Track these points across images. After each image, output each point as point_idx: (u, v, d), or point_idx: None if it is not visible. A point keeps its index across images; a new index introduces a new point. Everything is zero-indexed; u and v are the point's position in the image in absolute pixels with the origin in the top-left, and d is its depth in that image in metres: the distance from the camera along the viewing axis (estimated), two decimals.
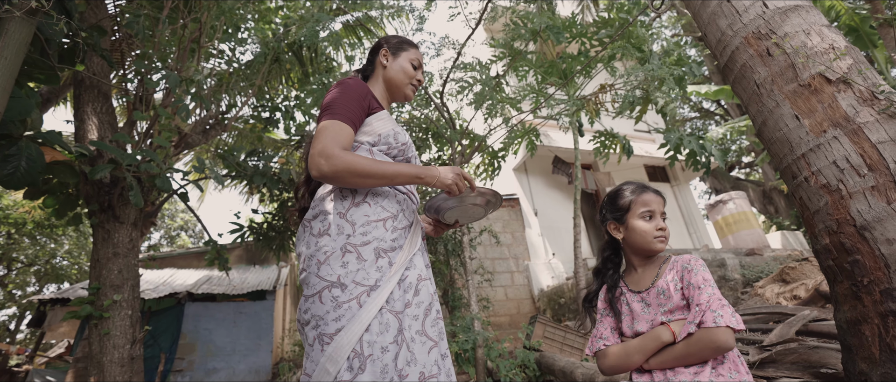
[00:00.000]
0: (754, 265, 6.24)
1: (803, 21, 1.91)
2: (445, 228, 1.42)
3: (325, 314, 1.07)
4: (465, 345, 3.71)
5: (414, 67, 1.41)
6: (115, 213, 3.51)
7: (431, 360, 1.06)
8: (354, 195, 1.21)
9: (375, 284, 1.09)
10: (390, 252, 1.15)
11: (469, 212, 1.33)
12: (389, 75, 1.39)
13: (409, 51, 1.42)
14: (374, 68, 1.43)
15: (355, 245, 1.13)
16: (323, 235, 1.16)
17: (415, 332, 1.08)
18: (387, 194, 1.24)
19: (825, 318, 3.09)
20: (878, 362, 1.47)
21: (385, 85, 1.41)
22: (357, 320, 1.04)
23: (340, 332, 1.04)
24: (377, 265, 1.11)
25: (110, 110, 3.66)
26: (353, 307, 1.06)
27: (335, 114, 1.17)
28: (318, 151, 1.10)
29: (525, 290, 8.14)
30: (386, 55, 1.41)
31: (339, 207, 1.19)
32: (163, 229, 18.77)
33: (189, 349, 6.88)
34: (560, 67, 4.96)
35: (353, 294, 1.07)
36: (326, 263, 1.11)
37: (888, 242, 1.48)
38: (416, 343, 1.06)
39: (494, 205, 1.29)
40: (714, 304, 1.08)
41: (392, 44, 1.42)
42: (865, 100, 1.67)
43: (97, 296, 3.41)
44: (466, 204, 1.28)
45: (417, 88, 1.45)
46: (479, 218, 1.37)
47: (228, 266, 4.54)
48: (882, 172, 1.54)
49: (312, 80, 4.84)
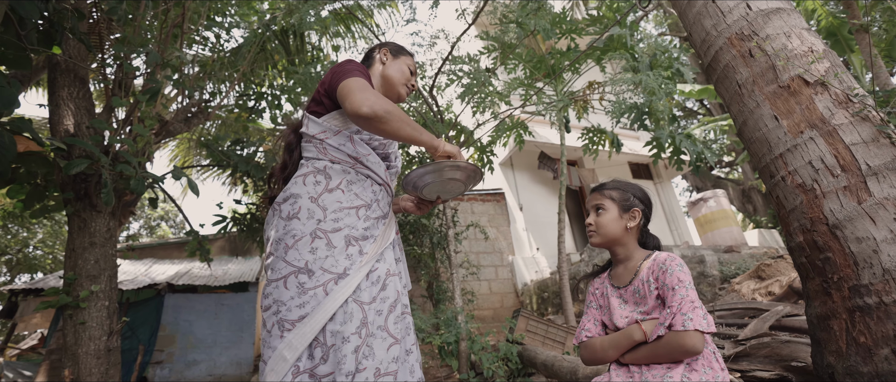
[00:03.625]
0: (732, 261, 6.40)
1: (784, 23, 1.95)
2: (429, 205, 1.42)
3: (288, 300, 1.06)
4: (448, 338, 3.73)
5: (410, 71, 1.47)
6: (92, 202, 3.42)
7: (390, 357, 1.05)
8: (329, 181, 1.20)
9: (344, 272, 1.08)
10: (362, 241, 1.14)
11: (448, 186, 1.31)
12: (387, 73, 1.43)
13: (407, 57, 1.48)
14: (370, 64, 1.46)
15: (325, 231, 1.12)
16: (292, 218, 1.15)
17: (376, 327, 1.06)
18: (362, 182, 1.24)
19: (797, 313, 3.19)
20: (844, 355, 1.53)
21: (381, 80, 1.44)
22: (322, 308, 1.03)
23: (304, 319, 1.03)
24: (347, 253, 1.11)
25: (87, 96, 3.55)
26: (319, 295, 1.05)
27: (352, 73, 1.20)
28: (362, 98, 1.11)
29: (509, 284, 8.22)
30: (386, 54, 1.46)
31: (312, 191, 1.18)
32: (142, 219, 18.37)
33: (169, 341, 6.78)
34: (549, 63, 4.99)
35: (321, 282, 1.06)
36: (295, 247, 1.10)
37: (857, 240, 1.53)
38: (377, 339, 1.05)
39: (474, 179, 1.28)
40: (685, 307, 1.09)
41: (391, 47, 1.48)
42: (841, 102, 1.72)
43: (73, 286, 3.33)
44: (445, 178, 1.26)
45: (410, 92, 1.49)
46: (460, 193, 1.36)
47: (210, 257, 4.47)
48: (854, 172, 1.60)
49: (299, 69, 4.77)
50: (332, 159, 1.24)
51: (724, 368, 1.13)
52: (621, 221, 1.32)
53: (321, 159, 1.25)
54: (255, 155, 4.07)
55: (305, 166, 1.25)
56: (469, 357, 3.89)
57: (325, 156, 1.24)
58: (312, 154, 1.27)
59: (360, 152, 1.26)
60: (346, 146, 1.24)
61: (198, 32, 4.61)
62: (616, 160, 9.99)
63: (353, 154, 1.24)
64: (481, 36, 5.04)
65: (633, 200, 1.34)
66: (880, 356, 1.42)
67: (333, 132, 1.25)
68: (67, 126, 3.29)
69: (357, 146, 1.26)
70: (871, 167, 1.58)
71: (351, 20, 5.75)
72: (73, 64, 3.42)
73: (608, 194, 1.35)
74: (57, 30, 2.75)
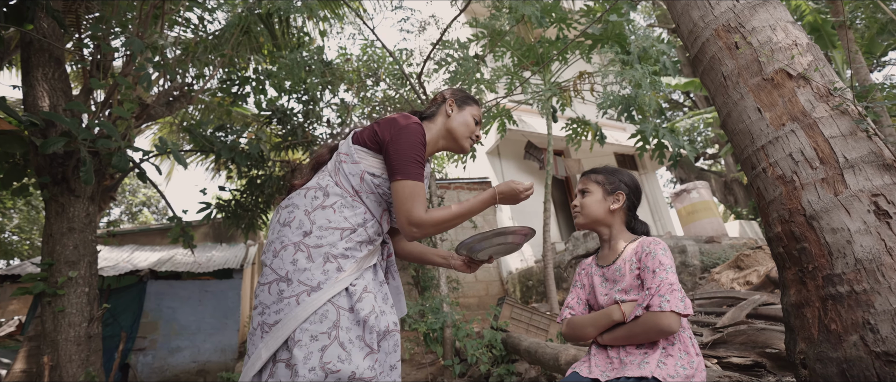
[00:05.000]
0: (713, 252, 6.55)
1: (770, 16, 1.97)
2: (479, 264, 1.47)
3: (270, 304, 1.14)
4: (433, 325, 3.76)
5: (475, 121, 1.47)
6: (70, 186, 3.33)
7: (366, 365, 1.09)
8: (325, 198, 1.26)
9: (317, 286, 1.14)
10: (340, 259, 1.19)
11: (501, 248, 1.37)
12: (452, 126, 1.44)
13: (473, 106, 1.48)
14: (435, 114, 1.48)
15: (308, 246, 1.18)
16: (285, 226, 1.22)
17: (354, 336, 1.11)
18: (354, 208, 1.27)
19: (773, 302, 3.29)
20: (816, 341, 1.58)
21: (445, 133, 1.45)
22: (292, 316, 1.10)
23: (277, 324, 1.11)
24: (324, 269, 1.16)
25: (63, 77, 3.44)
26: (292, 304, 1.12)
27: (410, 173, 1.22)
28: (408, 220, 1.19)
29: (494, 272, 8.29)
30: (451, 105, 1.46)
31: (308, 205, 1.24)
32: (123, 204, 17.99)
33: (151, 327, 6.71)
34: (537, 51, 4.97)
35: (295, 292, 1.13)
36: (279, 256, 1.18)
37: (833, 231, 1.57)
38: (354, 346, 1.10)
39: (527, 239, 1.34)
40: (663, 289, 1.12)
41: (458, 97, 1.48)
42: (822, 96, 1.76)
43: (50, 272, 3.25)
44: (499, 243, 1.33)
45: (474, 143, 1.50)
46: (513, 252, 1.41)
47: (193, 244, 4.41)
48: (832, 165, 1.63)
49: (284, 53, 4.68)
50: (338, 182, 1.29)
51: (698, 353, 1.16)
52: (605, 203, 1.35)
53: (330, 177, 1.31)
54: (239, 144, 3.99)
55: (314, 180, 1.32)
56: (454, 344, 3.93)
57: (335, 176, 1.31)
58: (327, 171, 1.33)
59: (363, 189, 1.30)
60: (353, 178, 1.29)
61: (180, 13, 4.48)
62: (602, 151, 10.07)
63: (356, 188, 1.29)
64: (471, 23, 5.00)
65: (618, 183, 1.37)
66: (849, 342, 1.47)
67: (353, 161, 1.30)
68: (43, 108, 3.19)
69: (363, 184, 1.29)
70: (849, 160, 1.61)
71: (337, 4, 5.64)
72: (48, 43, 3.30)
73: (594, 178, 1.39)
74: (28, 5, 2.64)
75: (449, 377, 3.67)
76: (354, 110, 5.81)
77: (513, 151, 9.41)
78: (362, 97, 5.91)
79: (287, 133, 5.16)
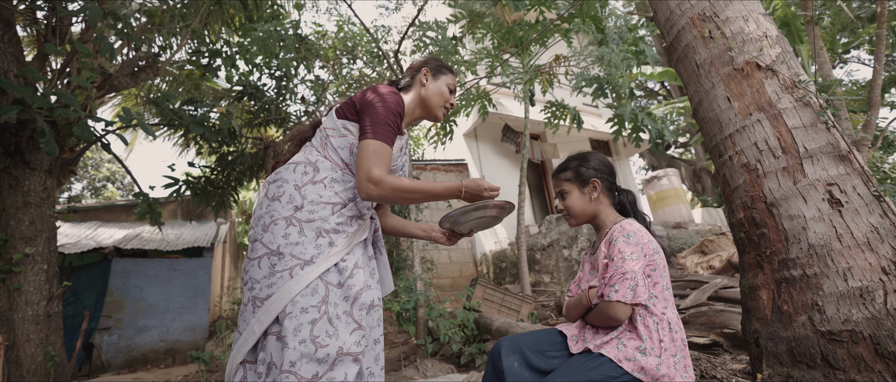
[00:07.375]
0: (679, 237, 6.79)
1: (744, 7, 2.01)
2: (459, 237, 1.51)
3: (260, 279, 1.15)
4: (406, 305, 3.78)
5: (450, 90, 1.47)
6: (25, 158, 3.16)
7: (353, 340, 1.11)
8: (316, 173, 1.26)
9: (310, 260, 1.15)
10: (332, 234, 1.20)
11: (482, 222, 1.40)
12: (426, 95, 1.44)
13: (448, 75, 1.48)
14: (411, 84, 1.48)
15: (300, 220, 1.19)
16: (275, 200, 1.22)
17: (341, 311, 1.12)
18: (345, 183, 1.28)
19: (733, 286, 3.45)
20: (769, 322, 1.67)
21: (419, 102, 1.46)
22: (285, 289, 1.11)
23: (270, 298, 1.11)
24: (316, 243, 1.17)
25: (15, 41, 3.22)
26: (285, 278, 1.12)
27: (379, 134, 1.22)
28: (367, 176, 1.17)
29: (468, 254, 8.38)
30: (426, 75, 1.46)
31: (298, 180, 1.25)
32: (86, 179, 17.21)
33: (117, 306, 6.52)
34: (516, 34, 4.94)
35: (288, 265, 1.13)
36: (270, 230, 1.18)
37: (790, 218, 1.65)
38: (342, 322, 1.11)
39: (508, 212, 1.38)
40: (614, 278, 1.16)
41: (433, 66, 1.48)
42: (787, 87, 1.81)
43: (5, 248, 3.10)
44: (480, 216, 1.36)
45: (448, 111, 1.51)
46: (493, 226, 1.46)
47: (161, 221, 4.27)
48: (793, 154, 1.70)
49: (257, 26, 4.50)
50: (327, 156, 1.30)
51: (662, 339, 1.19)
52: (585, 196, 1.36)
53: (318, 152, 1.31)
54: (208, 119, 3.84)
55: (301, 155, 1.32)
56: (426, 324, 3.98)
57: (323, 151, 1.31)
58: (314, 146, 1.33)
59: (353, 161, 1.30)
60: (342, 151, 1.30)
61: None
62: (578, 136, 10.20)
63: (346, 161, 1.30)
64: (449, 3, 4.91)
65: (587, 171, 1.37)
66: (798, 322, 1.56)
67: (340, 134, 1.30)
68: None
69: (353, 157, 1.30)
70: (808, 150, 1.68)
71: None
72: None
73: (565, 177, 1.40)
74: None
75: (421, 356, 3.72)
76: (329, 88, 5.68)
77: (490, 133, 9.43)
78: (338, 74, 5.78)
79: (259, 109, 5.01)
